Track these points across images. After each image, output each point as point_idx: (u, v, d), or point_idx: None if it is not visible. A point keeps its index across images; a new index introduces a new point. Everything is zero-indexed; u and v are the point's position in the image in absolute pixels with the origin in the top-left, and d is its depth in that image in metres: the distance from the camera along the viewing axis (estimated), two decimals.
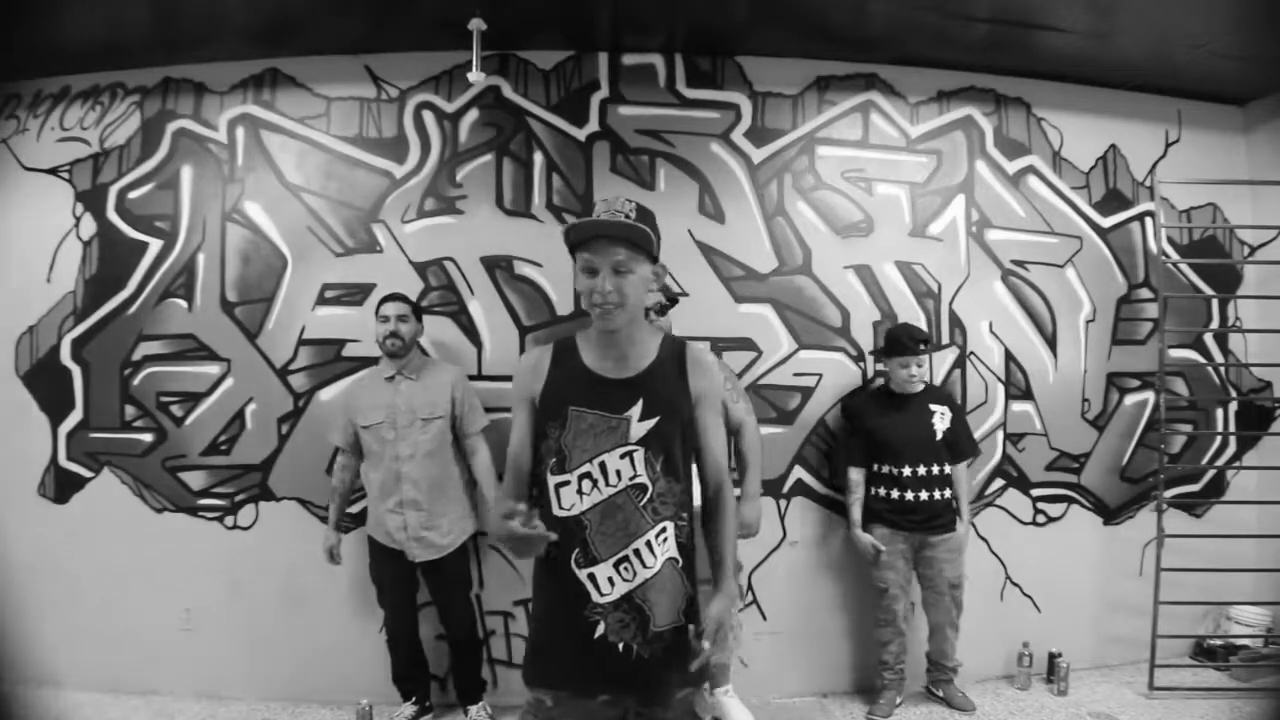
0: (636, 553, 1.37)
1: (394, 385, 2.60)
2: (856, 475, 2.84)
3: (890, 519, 2.76)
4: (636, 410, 1.38)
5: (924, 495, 2.73)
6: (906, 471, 2.73)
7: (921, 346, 2.73)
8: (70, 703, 2.81)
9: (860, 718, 2.85)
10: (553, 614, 1.41)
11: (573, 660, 1.38)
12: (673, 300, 2.64)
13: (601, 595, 1.37)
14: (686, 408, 1.43)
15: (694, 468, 1.49)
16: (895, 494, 2.75)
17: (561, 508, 1.39)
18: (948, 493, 2.76)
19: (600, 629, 1.37)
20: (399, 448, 2.55)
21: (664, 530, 1.39)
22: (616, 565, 1.37)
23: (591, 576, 1.37)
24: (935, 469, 2.74)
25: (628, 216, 1.33)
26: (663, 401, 1.40)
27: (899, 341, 2.75)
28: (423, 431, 2.56)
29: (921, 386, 2.78)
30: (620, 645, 1.37)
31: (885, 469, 2.77)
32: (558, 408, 1.40)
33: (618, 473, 1.37)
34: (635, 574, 1.37)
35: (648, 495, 1.38)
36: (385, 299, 2.64)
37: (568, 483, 1.38)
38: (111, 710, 2.80)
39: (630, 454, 1.37)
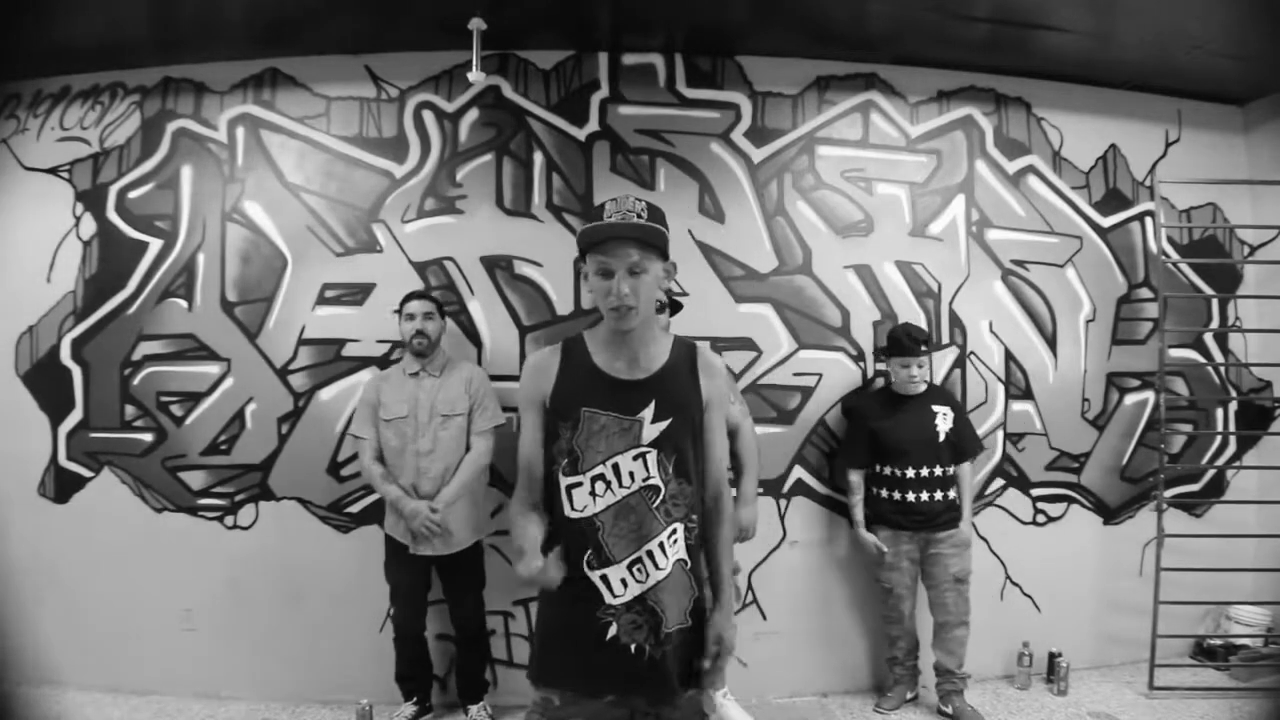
0: (649, 554, 1.37)
1: (417, 381, 2.62)
2: (856, 477, 2.84)
3: (894, 520, 2.76)
4: (649, 412, 1.38)
5: (925, 496, 2.72)
6: (910, 473, 2.71)
7: (922, 347, 2.72)
8: (70, 703, 2.81)
9: (860, 717, 2.85)
10: (563, 615, 1.41)
11: (583, 661, 1.37)
12: (675, 305, 2.60)
13: (614, 597, 1.37)
14: (698, 410, 1.43)
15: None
16: (898, 495, 2.74)
17: (574, 509, 1.38)
18: (951, 493, 2.75)
19: (612, 630, 1.37)
20: (419, 443, 2.57)
21: (675, 532, 1.39)
22: (630, 567, 1.37)
23: (604, 578, 1.36)
24: (938, 470, 2.73)
25: (640, 216, 1.32)
26: (675, 404, 1.40)
27: (899, 342, 2.74)
28: (443, 428, 2.58)
29: (923, 387, 2.77)
30: (632, 646, 1.36)
31: (888, 470, 2.76)
32: (570, 409, 1.39)
33: (631, 474, 1.37)
34: (648, 575, 1.37)
35: (660, 497, 1.38)
36: (409, 297, 2.66)
37: (580, 484, 1.38)
38: (111, 710, 2.80)
39: (643, 455, 1.37)
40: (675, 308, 2.61)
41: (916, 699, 2.93)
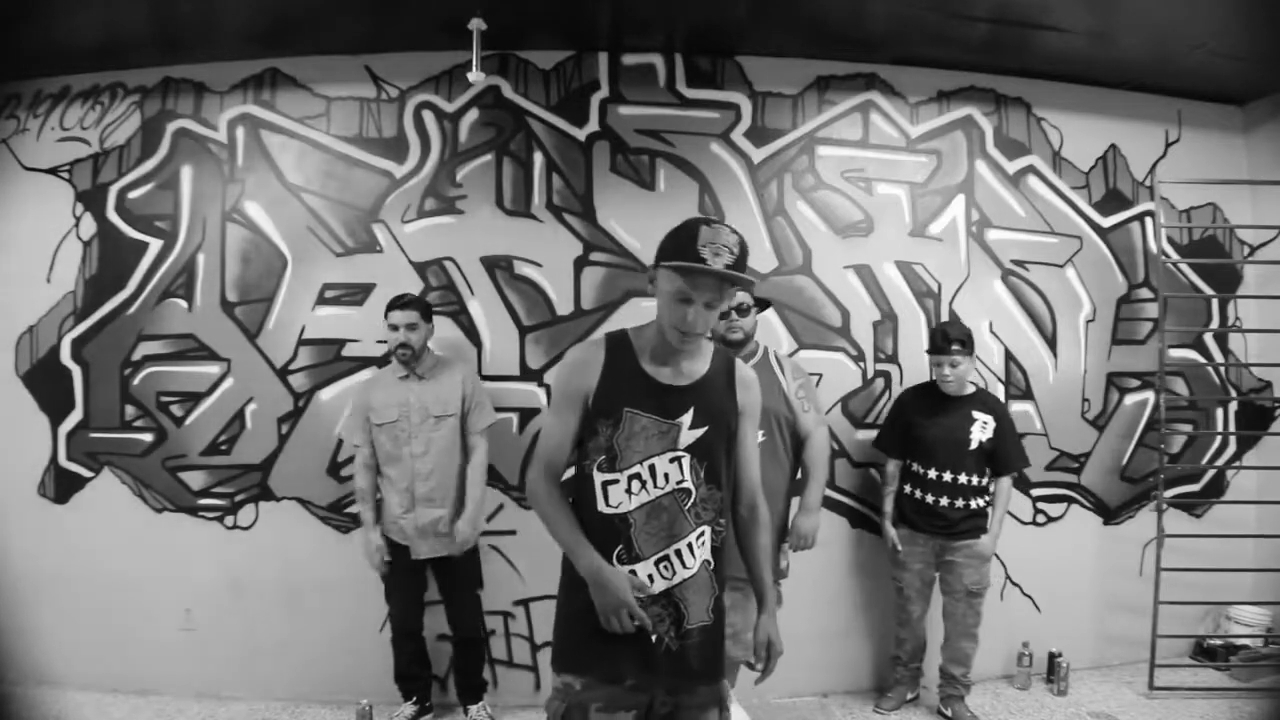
0: (678, 553, 1.42)
1: (407, 384, 2.62)
2: (893, 468, 2.83)
3: (912, 519, 2.75)
4: (688, 418, 1.42)
5: (945, 502, 2.68)
6: (933, 474, 2.69)
7: (955, 346, 2.62)
8: (70, 703, 2.81)
9: (860, 717, 2.85)
10: (588, 606, 1.42)
11: (605, 648, 1.40)
12: (763, 304, 2.48)
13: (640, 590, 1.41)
14: (733, 420, 1.48)
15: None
16: (919, 494, 2.73)
17: (608, 505, 1.42)
18: (975, 503, 2.69)
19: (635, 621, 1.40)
20: (413, 445, 2.57)
21: (703, 534, 1.44)
22: (657, 564, 1.41)
23: (632, 572, 1.40)
24: (964, 478, 2.67)
25: (732, 252, 1.36)
26: (712, 412, 1.45)
27: (933, 339, 2.71)
28: (435, 429, 2.58)
29: (966, 389, 2.71)
30: (654, 637, 1.40)
31: (916, 467, 2.75)
32: (613, 407, 1.42)
33: (665, 476, 1.41)
34: (675, 573, 1.41)
35: (691, 500, 1.42)
36: (393, 306, 2.59)
37: (616, 481, 1.42)
38: (112, 710, 2.80)
39: (678, 459, 1.42)
40: (763, 305, 2.50)
41: (917, 699, 2.93)
